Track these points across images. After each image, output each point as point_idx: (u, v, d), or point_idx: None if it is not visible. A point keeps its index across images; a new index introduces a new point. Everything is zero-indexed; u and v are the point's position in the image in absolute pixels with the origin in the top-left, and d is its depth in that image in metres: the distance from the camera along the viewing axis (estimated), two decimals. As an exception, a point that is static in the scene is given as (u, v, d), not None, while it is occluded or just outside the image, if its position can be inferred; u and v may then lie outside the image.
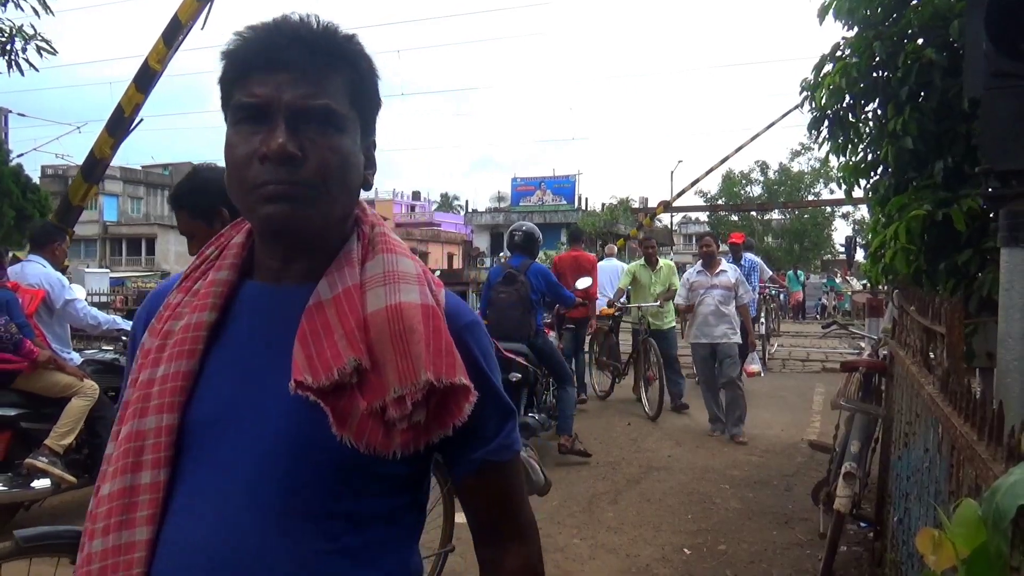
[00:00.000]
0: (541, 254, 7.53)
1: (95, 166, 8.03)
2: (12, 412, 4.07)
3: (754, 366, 6.96)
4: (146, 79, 7.74)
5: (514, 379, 5.26)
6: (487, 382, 1.02)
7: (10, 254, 5.05)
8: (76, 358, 4.69)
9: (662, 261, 8.04)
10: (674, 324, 8.03)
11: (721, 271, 6.75)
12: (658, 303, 7.52)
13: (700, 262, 6.96)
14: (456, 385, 0.92)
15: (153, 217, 47.07)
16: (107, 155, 7.99)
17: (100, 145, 7.89)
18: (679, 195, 19.60)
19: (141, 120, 7.95)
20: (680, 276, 7.66)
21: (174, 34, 7.60)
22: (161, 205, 49.46)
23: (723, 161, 18.17)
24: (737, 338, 6.59)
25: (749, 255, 9.38)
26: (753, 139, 17.39)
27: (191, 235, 2.10)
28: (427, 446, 0.95)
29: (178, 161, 52.11)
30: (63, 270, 5.11)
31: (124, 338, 4.88)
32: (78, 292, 5.03)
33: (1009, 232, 2.60)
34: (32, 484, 4.02)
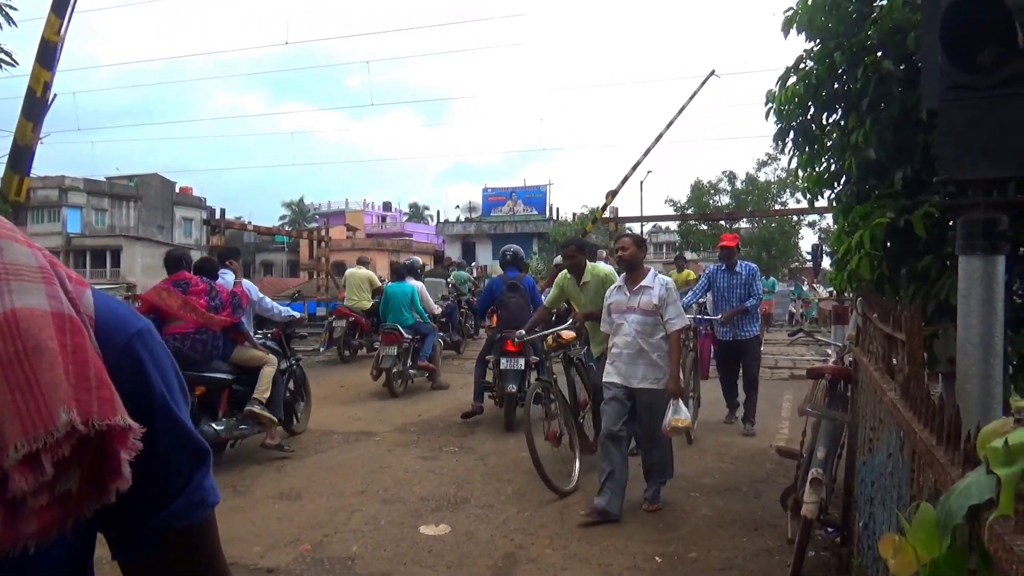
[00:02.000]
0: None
1: (21, 154, 8.14)
2: (230, 377, 5.90)
3: (677, 415, 4.62)
4: (48, 54, 7.98)
5: (534, 360, 7.15)
6: (168, 413, 0.73)
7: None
8: None
9: (595, 269, 6.11)
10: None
11: (643, 287, 4.83)
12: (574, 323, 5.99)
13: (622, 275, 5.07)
14: (116, 427, 0.63)
15: (119, 228, 46.38)
16: (30, 139, 8.12)
17: (21, 131, 8.04)
18: (623, 182, 20.08)
19: (56, 96, 8.28)
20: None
21: (64, 2, 7.89)
22: (127, 216, 48.74)
23: (657, 140, 19.72)
24: (662, 384, 4.73)
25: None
26: (678, 113, 19.30)
27: None
28: (81, 524, 0.66)
29: (144, 172, 51.46)
30: None
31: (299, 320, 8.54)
32: None
33: (966, 240, 2.67)
34: (242, 426, 5.91)
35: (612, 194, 19.88)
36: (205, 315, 5.52)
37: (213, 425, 5.68)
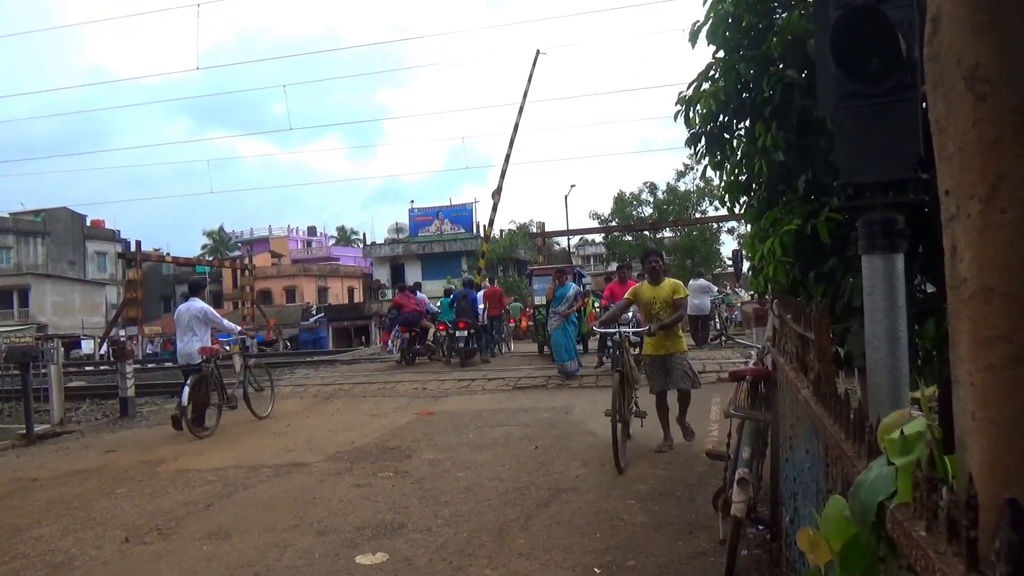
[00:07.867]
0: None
1: None
2: None
3: None
4: None
5: (471, 332, 14.79)
6: None
7: None
8: None
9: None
10: None
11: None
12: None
13: None
14: None
15: (26, 267, 44.09)
16: None
17: None
18: (502, 178, 22.59)
19: None
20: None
21: None
22: (34, 253, 46.44)
23: (515, 130, 22.66)
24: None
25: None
26: (524, 98, 22.80)
27: None
28: None
29: (51, 207, 49.18)
30: None
31: None
32: None
33: (867, 240, 2.79)
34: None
35: (497, 193, 21.25)
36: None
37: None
